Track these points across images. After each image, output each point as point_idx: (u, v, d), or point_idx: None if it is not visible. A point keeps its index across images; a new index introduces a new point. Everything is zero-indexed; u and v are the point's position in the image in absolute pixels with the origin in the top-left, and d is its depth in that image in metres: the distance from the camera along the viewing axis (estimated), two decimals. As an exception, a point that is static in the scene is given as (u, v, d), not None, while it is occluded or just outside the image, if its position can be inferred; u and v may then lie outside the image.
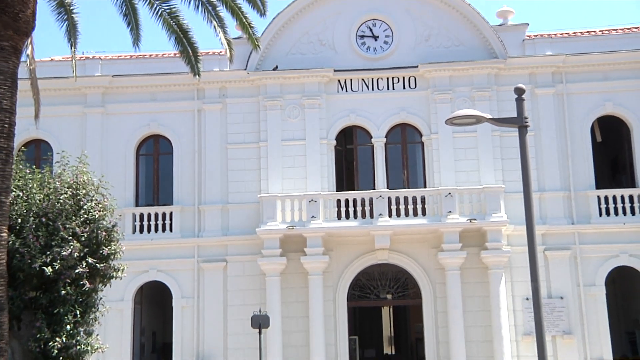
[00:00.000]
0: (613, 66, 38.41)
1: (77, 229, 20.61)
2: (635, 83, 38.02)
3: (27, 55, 21.60)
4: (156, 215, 38.50)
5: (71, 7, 24.53)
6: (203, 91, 39.19)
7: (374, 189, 37.47)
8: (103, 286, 22.08)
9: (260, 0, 23.68)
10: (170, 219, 38.42)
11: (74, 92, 38.55)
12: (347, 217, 36.27)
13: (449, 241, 35.55)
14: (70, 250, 20.11)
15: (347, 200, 36.46)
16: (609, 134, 39.18)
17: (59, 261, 19.96)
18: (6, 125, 17.93)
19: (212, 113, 39.29)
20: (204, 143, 39.02)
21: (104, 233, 21.40)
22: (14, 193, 19.87)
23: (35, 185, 21.38)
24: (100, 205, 21.77)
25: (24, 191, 21.02)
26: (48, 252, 20.01)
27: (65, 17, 24.68)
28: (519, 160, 19.38)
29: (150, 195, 40.02)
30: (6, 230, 17.96)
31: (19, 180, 21.16)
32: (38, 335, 19.95)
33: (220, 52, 33.40)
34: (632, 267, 36.59)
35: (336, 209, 36.39)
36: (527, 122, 17.74)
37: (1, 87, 17.94)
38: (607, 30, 41.89)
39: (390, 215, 35.96)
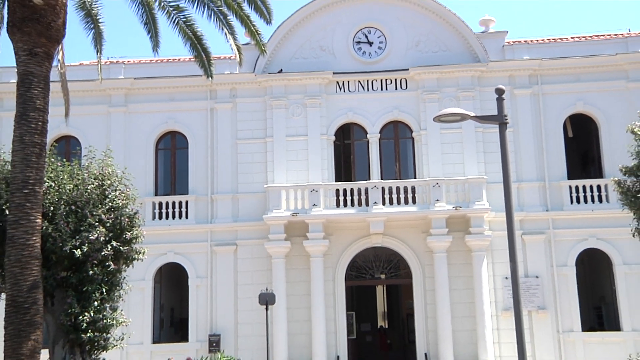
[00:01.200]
0: (583, 69, 38.41)
1: (103, 216, 20.70)
2: (603, 84, 38.07)
3: (58, 60, 21.61)
4: (173, 203, 38.56)
5: (97, 17, 24.53)
6: (215, 92, 39.18)
7: (369, 179, 37.47)
8: (126, 267, 22.14)
9: (267, 9, 23.68)
10: (186, 207, 38.48)
11: (100, 93, 38.55)
12: (345, 205, 36.31)
13: (437, 226, 35.63)
14: (97, 234, 20.20)
15: (345, 190, 36.51)
16: (579, 130, 39.24)
17: (87, 244, 20.05)
18: (40, 123, 18.02)
19: (223, 111, 39.30)
20: (216, 138, 39.03)
21: (126, 219, 21.49)
22: (46, 184, 19.94)
23: (65, 176, 21.43)
24: (123, 195, 21.85)
25: (56, 182, 21.08)
26: (77, 237, 20.09)
27: (92, 26, 24.67)
28: (499, 154, 19.52)
29: (168, 185, 40.04)
30: (40, 217, 18.04)
31: (51, 172, 21.22)
32: (69, 311, 20.04)
33: (231, 56, 33.41)
34: (600, 249, 36.66)
35: (335, 198, 36.44)
36: (506, 120, 17.77)
37: (35, 88, 18.01)
38: (578, 37, 41.95)
39: (384, 204, 36.00)
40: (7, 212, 18.44)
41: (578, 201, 37.21)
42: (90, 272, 20.31)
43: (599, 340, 36.04)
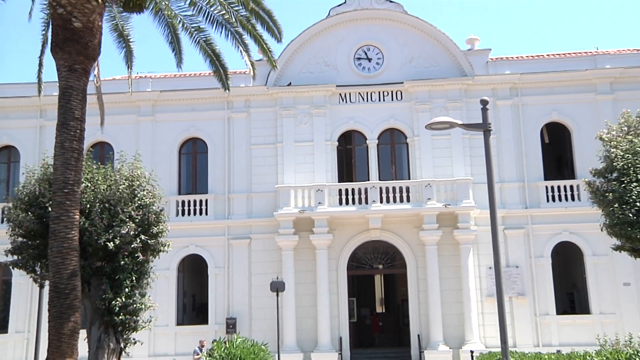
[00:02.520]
0: (558, 83, 38.43)
1: (133, 213, 20.72)
2: (575, 96, 38.12)
3: (94, 75, 21.67)
4: (194, 201, 38.57)
5: (128, 37, 24.61)
6: (232, 103, 39.18)
7: (368, 180, 37.45)
8: (153, 258, 22.14)
9: (277, 29, 23.68)
10: (206, 205, 38.50)
11: (130, 104, 38.53)
12: (347, 203, 36.32)
13: (428, 222, 35.67)
14: (127, 229, 20.23)
15: (346, 190, 36.52)
16: (554, 137, 39.19)
17: (118, 238, 20.08)
18: (78, 131, 17.98)
19: (239, 120, 39.30)
20: (232, 144, 39.02)
21: (153, 216, 21.46)
22: (84, 184, 19.97)
23: (100, 178, 21.48)
24: (150, 194, 21.86)
25: (92, 183, 21.12)
26: (110, 231, 20.12)
27: (124, 45, 24.75)
28: (483, 157, 19.51)
29: (190, 185, 40.02)
30: (78, 214, 18.05)
31: (87, 174, 21.26)
32: (103, 296, 20.09)
33: (246, 71, 33.38)
34: (572, 242, 36.72)
35: (338, 197, 36.46)
36: (490, 127, 17.82)
37: (74, 100, 17.99)
38: (553, 55, 42.06)
39: (381, 202, 36.01)
40: (50, 209, 18.51)
41: (553, 199, 37.27)
42: (122, 262, 20.34)
43: (571, 322, 36.06)
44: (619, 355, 12.49)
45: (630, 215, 20.70)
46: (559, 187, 37.41)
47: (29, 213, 20.32)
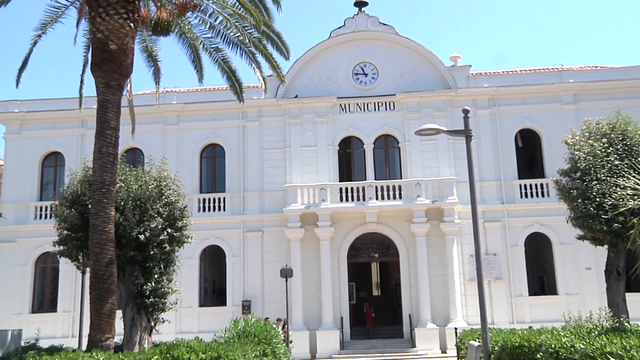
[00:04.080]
0: (529, 94, 38.57)
1: (161, 209, 20.64)
2: (544, 106, 38.30)
3: (127, 90, 21.79)
4: (214, 199, 38.71)
5: (156, 57, 24.74)
6: (246, 113, 39.31)
7: (365, 180, 37.62)
8: (178, 248, 22.05)
9: (285, 48, 23.73)
10: (224, 202, 38.63)
11: (158, 115, 38.64)
12: (347, 200, 36.46)
13: (418, 216, 35.82)
14: (156, 223, 20.17)
15: (346, 188, 36.65)
16: (527, 141, 39.27)
17: (148, 231, 20.00)
18: (113, 138, 18.05)
19: (252, 128, 39.44)
20: (247, 149, 39.16)
21: (178, 212, 21.37)
22: (118, 184, 19.97)
23: (132, 179, 21.42)
24: (176, 192, 21.77)
25: (125, 183, 21.07)
26: (141, 225, 20.04)
27: (152, 63, 24.86)
28: (465, 159, 19.65)
29: (210, 185, 40.07)
30: (113, 210, 18.12)
31: (121, 175, 21.23)
32: (136, 281, 20.06)
33: (258, 85, 33.55)
34: (542, 232, 36.94)
35: (339, 195, 36.56)
36: (471, 133, 18.00)
37: (110, 112, 18.08)
38: (524, 70, 42.43)
39: (377, 199, 36.17)
40: (90, 206, 18.63)
41: (526, 196, 37.45)
42: (152, 252, 20.27)
43: (541, 302, 36.20)
44: (581, 329, 12.67)
45: (591, 209, 20.88)
46: (531, 185, 37.61)
47: (73, 209, 20.37)
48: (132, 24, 18.53)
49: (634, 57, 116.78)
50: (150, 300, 20.21)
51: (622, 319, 17.35)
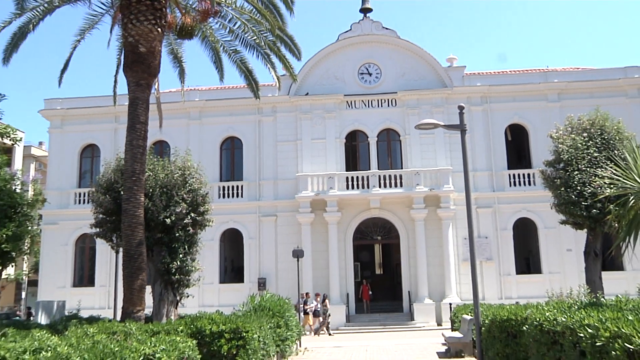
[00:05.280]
0: (518, 93, 38.54)
1: (185, 195, 20.72)
2: (532, 104, 38.31)
3: (155, 88, 21.81)
4: (232, 187, 38.88)
5: (181, 58, 24.76)
6: (261, 109, 39.39)
7: (369, 170, 37.67)
8: (201, 231, 22.10)
9: (297, 50, 23.62)
10: (241, 189, 38.80)
11: (182, 111, 38.86)
12: (353, 187, 36.58)
13: (417, 203, 35.93)
14: (181, 208, 20.25)
15: (352, 177, 36.77)
16: (515, 135, 39.22)
17: (174, 215, 20.09)
18: (142, 132, 18.08)
19: (267, 122, 39.53)
20: (262, 141, 39.27)
21: (200, 198, 21.38)
22: (147, 173, 20.07)
23: (159, 168, 21.47)
24: (198, 181, 21.79)
25: (153, 172, 21.12)
26: (167, 210, 20.11)
27: (178, 64, 24.87)
28: (460, 151, 19.65)
29: (229, 174, 40.16)
30: (143, 196, 18.20)
31: (150, 165, 21.35)
32: (163, 260, 20.18)
33: (272, 84, 33.51)
34: (529, 217, 37.03)
35: (345, 183, 36.69)
36: (465, 128, 17.96)
37: (140, 108, 18.11)
38: (513, 71, 42.37)
39: (380, 187, 36.27)
40: (122, 193, 18.77)
41: (515, 184, 37.48)
42: (177, 234, 20.36)
43: (527, 280, 36.30)
44: (562, 304, 12.75)
45: (573, 196, 20.91)
46: (519, 175, 37.62)
47: (107, 196, 20.50)
48: (159, 29, 18.58)
49: (613, 59, 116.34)
50: (176, 277, 20.34)
51: (598, 295, 17.41)
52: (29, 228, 18.87)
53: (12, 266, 39.96)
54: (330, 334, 32.54)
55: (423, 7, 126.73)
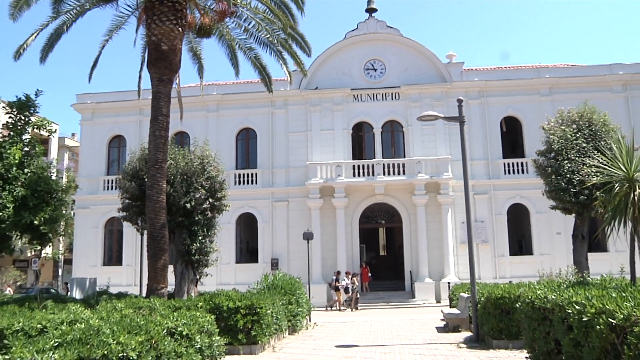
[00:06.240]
0: (512, 87, 38.39)
1: (203, 182, 20.59)
2: (525, 97, 38.17)
3: (176, 83, 21.79)
4: (247, 174, 38.94)
5: (200, 55, 24.74)
6: (274, 102, 39.34)
7: (374, 158, 37.71)
8: (218, 215, 22.03)
9: (307, 47, 23.49)
10: (256, 177, 38.86)
11: (201, 104, 38.87)
12: (359, 175, 36.60)
13: (419, 189, 35.92)
14: (200, 194, 20.18)
15: (358, 165, 36.80)
16: (510, 127, 39.08)
17: (193, 200, 19.98)
18: (165, 123, 18.16)
19: (279, 115, 39.54)
20: (275, 132, 39.29)
21: (218, 184, 21.23)
22: (169, 162, 20.11)
23: (180, 157, 21.40)
24: (216, 168, 21.61)
25: (174, 161, 20.99)
26: (188, 196, 20.02)
27: (197, 61, 24.85)
28: (459, 141, 19.65)
29: (244, 162, 40.17)
30: (165, 183, 18.28)
31: (171, 154, 21.32)
32: (184, 242, 20.12)
33: (284, 79, 33.44)
34: (522, 203, 36.98)
35: (352, 170, 36.72)
36: (464, 119, 18.05)
37: (162, 101, 18.18)
38: (508, 67, 41.98)
39: (384, 174, 36.28)
40: (146, 180, 18.85)
41: (509, 172, 37.41)
42: (196, 218, 20.28)
43: (520, 261, 36.35)
44: (552, 283, 12.80)
45: (563, 184, 20.86)
46: (513, 164, 37.55)
47: (133, 182, 20.47)
48: (180, 29, 18.63)
49: (600, 56, 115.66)
50: (196, 257, 20.33)
51: (584, 275, 17.44)
52: (64, 212, 19.03)
53: (50, 246, 40.44)
54: (354, 310, 32.52)
55: (424, 7, 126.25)
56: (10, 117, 18.31)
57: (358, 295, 33.50)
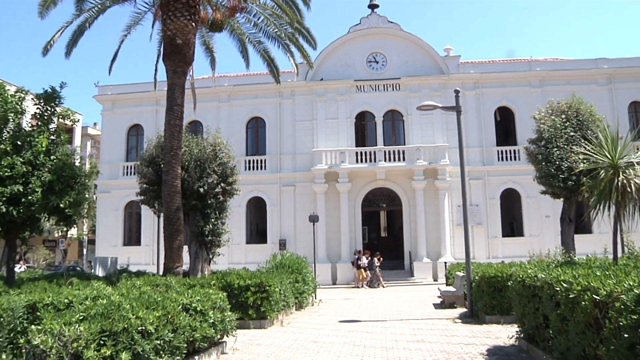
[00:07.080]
0: (506, 79, 38.24)
1: (216, 168, 20.56)
2: (517, 89, 38.03)
3: (190, 75, 21.75)
4: (257, 160, 38.98)
5: (212, 49, 24.67)
6: (282, 93, 39.28)
7: (376, 146, 37.66)
8: (230, 199, 22.04)
9: (313, 40, 23.37)
10: (265, 163, 38.90)
11: (213, 94, 38.77)
12: (361, 161, 36.58)
13: (418, 175, 35.86)
14: (212, 179, 20.18)
15: (361, 152, 36.75)
16: (503, 116, 38.97)
17: (206, 185, 19.98)
18: (179, 113, 18.14)
19: (287, 105, 39.47)
20: (282, 121, 39.27)
21: (229, 170, 21.19)
22: (183, 149, 20.08)
23: (193, 144, 21.40)
24: (227, 155, 21.53)
25: (188, 148, 20.97)
26: (201, 180, 20.03)
27: (209, 54, 24.80)
28: (456, 130, 19.65)
29: (254, 149, 40.17)
30: (180, 169, 18.32)
31: (185, 142, 21.30)
32: (197, 224, 20.11)
33: (291, 70, 33.26)
34: (514, 188, 36.97)
35: (355, 157, 36.68)
36: (460, 109, 18.02)
37: (177, 92, 18.15)
38: (502, 60, 41.94)
39: (385, 161, 36.25)
40: (162, 166, 18.85)
41: (502, 159, 37.33)
42: (209, 201, 20.26)
43: (512, 242, 36.36)
44: (541, 263, 12.86)
45: (552, 170, 20.82)
46: (506, 151, 37.45)
47: (150, 168, 20.46)
48: (193, 24, 18.59)
49: (587, 50, 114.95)
50: (209, 238, 20.38)
51: (571, 255, 17.50)
52: (87, 196, 19.12)
53: (75, 227, 40.81)
54: (377, 287, 32.69)
55: (423, 3, 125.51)
56: (38, 108, 18.49)
57: (379, 273, 33.42)
